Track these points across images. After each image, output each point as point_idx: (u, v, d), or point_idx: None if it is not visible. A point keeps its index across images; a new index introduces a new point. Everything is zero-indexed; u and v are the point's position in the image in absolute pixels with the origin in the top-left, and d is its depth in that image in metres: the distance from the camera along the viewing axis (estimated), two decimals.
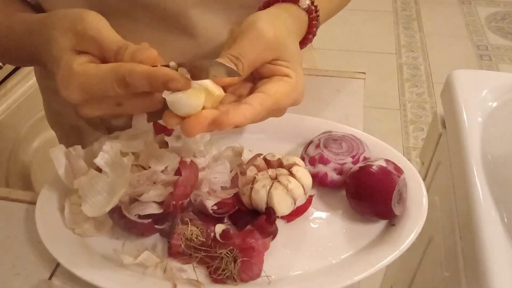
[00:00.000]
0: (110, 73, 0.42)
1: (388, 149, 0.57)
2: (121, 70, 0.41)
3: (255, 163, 0.52)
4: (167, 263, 0.46)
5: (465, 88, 0.76)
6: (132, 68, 0.41)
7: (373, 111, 2.17)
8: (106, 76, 0.42)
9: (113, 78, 0.42)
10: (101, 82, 0.42)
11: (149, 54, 0.43)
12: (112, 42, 0.44)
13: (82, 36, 0.44)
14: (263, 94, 0.44)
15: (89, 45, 0.44)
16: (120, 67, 0.42)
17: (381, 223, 0.51)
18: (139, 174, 0.50)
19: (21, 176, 1.16)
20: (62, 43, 0.44)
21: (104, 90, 0.42)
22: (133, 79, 0.41)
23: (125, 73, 0.41)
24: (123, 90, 0.42)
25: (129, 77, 0.41)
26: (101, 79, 0.42)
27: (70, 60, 0.44)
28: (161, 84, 0.41)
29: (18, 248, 0.51)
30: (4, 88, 1.11)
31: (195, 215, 0.50)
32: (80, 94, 0.43)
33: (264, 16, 0.48)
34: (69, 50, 0.44)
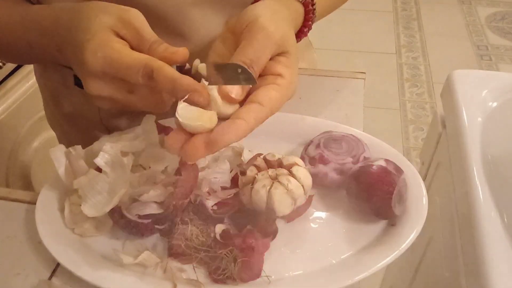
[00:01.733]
0: (141, 61, 0.43)
1: (388, 149, 0.57)
2: (152, 63, 0.42)
3: (255, 163, 0.52)
4: (167, 263, 0.46)
5: (465, 88, 0.76)
6: (163, 66, 0.42)
7: (373, 111, 2.17)
8: (137, 62, 0.43)
9: (142, 66, 0.42)
10: (130, 66, 0.43)
11: (182, 50, 0.44)
12: (149, 35, 0.45)
13: (126, 23, 0.45)
14: (257, 106, 0.43)
15: (129, 33, 0.45)
16: (152, 60, 0.43)
17: (381, 223, 0.51)
18: (139, 174, 0.50)
19: (21, 176, 1.16)
20: (105, 20, 0.45)
21: (129, 73, 0.43)
22: (159, 77, 0.42)
23: (155, 67, 0.42)
24: (145, 82, 0.43)
25: (156, 72, 0.42)
26: (131, 62, 0.43)
27: (109, 36, 0.44)
28: (183, 92, 0.42)
29: (18, 248, 0.51)
30: (4, 88, 1.11)
31: (195, 215, 0.50)
32: (104, 65, 0.43)
33: (264, 12, 0.47)
34: (109, 29, 0.45)
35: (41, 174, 1.20)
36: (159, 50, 0.44)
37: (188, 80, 0.42)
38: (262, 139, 0.60)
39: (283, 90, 0.45)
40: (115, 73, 0.44)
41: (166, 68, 0.42)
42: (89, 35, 0.44)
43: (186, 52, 0.45)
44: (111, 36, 0.45)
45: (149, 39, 0.45)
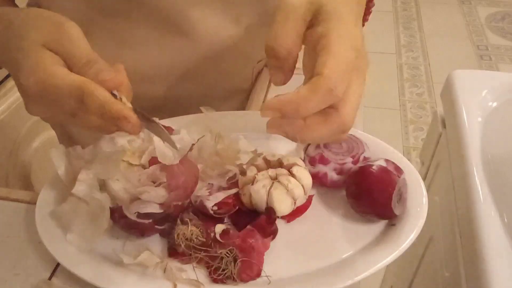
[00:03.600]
0: (73, 84, 0.40)
1: (388, 149, 0.57)
2: (83, 86, 0.40)
3: (255, 163, 0.52)
4: (167, 263, 0.46)
5: (465, 88, 0.76)
6: (93, 89, 0.40)
7: (373, 111, 2.17)
8: (69, 86, 0.40)
9: (73, 90, 0.40)
10: (62, 89, 0.40)
11: (114, 78, 0.41)
12: (82, 54, 0.42)
13: (55, 38, 0.42)
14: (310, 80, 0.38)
15: (60, 50, 0.42)
16: (84, 83, 0.40)
17: (381, 223, 0.51)
18: (140, 173, 0.50)
19: (21, 176, 1.16)
20: (36, 37, 0.42)
21: (61, 96, 0.41)
22: (89, 101, 0.40)
23: (85, 91, 0.40)
24: (78, 106, 0.41)
25: (86, 97, 0.40)
26: (63, 85, 0.40)
27: (43, 54, 0.42)
28: (111, 119, 0.40)
29: (18, 248, 0.51)
30: (4, 88, 1.11)
31: (195, 215, 0.50)
32: (38, 90, 0.41)
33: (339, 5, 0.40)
34: (40, 45, 0.42)
35: (41, 174, 1.20)
36: (89, 73, 0.41)
37: (118, 106, 0.40)
38: (262, 139, 0.60)
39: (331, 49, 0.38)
40: (50, 97, 0.41)
41: (98, 91, 0.40)
42: (21, 55, 0.42)
43: (117, 80, 0.42)
44: (44, 56, 0.41)
45: (81, 60, 0.42)
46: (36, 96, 0.42)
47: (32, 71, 0.41)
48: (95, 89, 0.40)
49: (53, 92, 0.41)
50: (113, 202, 0.48)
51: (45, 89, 0.41)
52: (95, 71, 0.41)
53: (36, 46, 0.42)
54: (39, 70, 0.41)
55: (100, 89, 0.40)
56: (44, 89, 0.41)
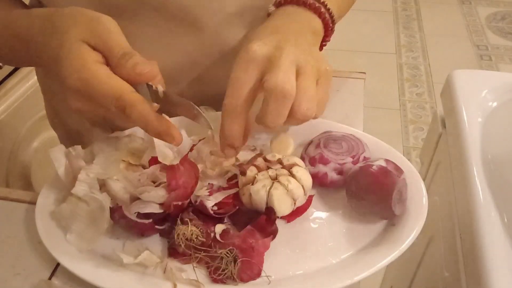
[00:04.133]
0: (115, 93, 0.42)
1: (388, 149, 0.57)
2: (125, 97, 0.42)
3: (255, 163, 0.52)
4: (167, 263, 0.46)
5: (465, 88, 0.76)
6: (135, 103, 0.42)
7: (373, 111, 2.17)
8: (112, 93, 0.42)
9: (115, 99, 0.42)
10: (104, 95, 0.42)
11: (150, 70, 0.43)
12: (119, 46, 0.44)
13: (95, 34, 0.44)
14: None
15: (98, 44, 0.44)
16: (125, 94, 0.42)
17: (381, 223, 0.51)
18: (140, 173, 0.50)
19: (21, 176, 1.16)
20: (76, 33, 0.44)
21: (103, 101, 0.43)
22: (132, 114, 0.42)
23: (127, 103, 0.42)
24: (118, 112, 0.43)
25: (129, 109, 0.42)
26: (106, 91, 0.42)
27: (84, 51, 0.43)
28: (155, 133, 0.43)
29: (18, 248, 0.51)
30: (4, 88, 1.11)
31: (195, 215, 0.50)
32: (81, 86, 0.43)
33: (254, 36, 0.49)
34: (80, 41, 0.44)
35: (41, 174, 1.20)
36: (126, 66, 0.43)
37: (160, 122, 0.42)
38: (263, 139, 0.60)
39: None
40: (91, 95, 0.43)
41: (139, 106, 0.42)
42: (63, 52, 0.43)
43: (152, 72, 0.43)
44: (86, 53, 0.43)
45: (118, 52, 0.44)
46: (78, 92, 0.43)
47: (76, 69, 0.43)
48: (136, 103, 0.42)
49: (94, 93, 0.42)
50: (113, 202, 0.48)
51: (87, 88, 0.43)
52: (132, 64, 0.43)
53: (77, 42, 0.44)
54: (82, 68, 0.42)
55: (142, 102, 0.42)
56: (86, 87, 0.43)
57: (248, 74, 0.46)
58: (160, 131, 0.43)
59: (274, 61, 0.46)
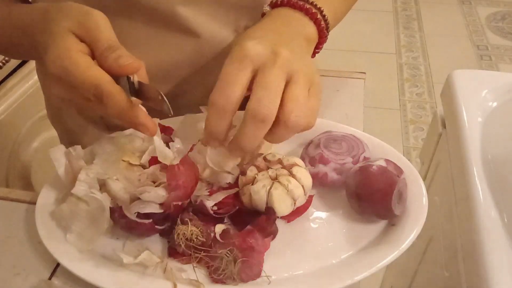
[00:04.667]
0: (93, 82, 0.42)
1: (388, 149, 0.57)
2: (103, 87, 0.42)
3: (255, 163, 0.52)
4: (167, 263, 0.46)
5: (465, 88, 0.76)
6: (113, 93, 0.42)
7: (373, 111, 2.17)
8: (89, 82, 0.42)
9: (93, 88, 0.42)
10: (82, 83, 0.43)
11: (132, 63, 0.43)
12: (105, 39, 0.44)
13: (84, 26, 0.45)
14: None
15: (84, 34, 0.45)
16: (103, 84, 0.42)
17: (381, 223, 0.51)
18: (140, 173, 0.50)
19: (21, 176, 1.16)
20: (64, 23, 0.45)
21: (81, 89, 0.43)
22: (108, 103, 0.42)
23: (104, 92, 0.42)
24: (96, 100, 0.43)
25: (106, 98, 0.42)
26: (84, 80, 0.42)
27: (69, 40, 0.44)
28: (130, 124, 0.44)
29: (18, 248, 0.51)
30: (4, 88, 1.11)
31: (195, 215, 0.50)
32: (61, 74, 0.43)
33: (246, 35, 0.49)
34: (69, 32, 0.45)
35: (41, 174, 1.20)
36: (109, 58, 0.43)
37: (135, 113, 0.43)
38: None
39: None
40: (70, 83, 0.44)
41: (116, 96, 0.42)
42: (51, 39, 0.45)
43: (134, 66, 0.43)
44: (72, 43, 0.44)
45: (103, 44, 0.44)
46: (58, 79, 0.44)
47: (58, 56, 0.43)
48: (113, 92, 0.42)
49: (73, 81, 0.43)
50: (113, 202, 0.48)
51: (67, 76, 0.43)
52: (115, 56, 0.43)
53: (65, 32, 0.45)
54: (64, 56, 0.43)
55: (119, 93, 0.43)
56: (66, 75, 0.43)
57: (240, 72, 0.45)
58: (135, 121, 0.43)
59: (266, 68, 0.45)
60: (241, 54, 0.46)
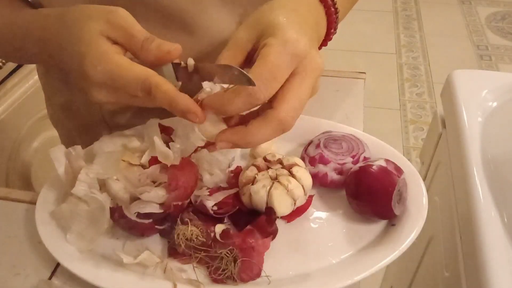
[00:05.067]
0: (140, 77, 0.43)
1: (388, 149, 0.57)
2: (151, 80, 0.43)
3: (255, 163, 0.52)
4: (167, 263, 0.46)
5: (465, 88, 0.76)
6: (160, 84, 0.42)
7: (373, 111, 2.17)
8: (136, 78, 0.43)
9: (141, 83, 0.43)
10: (129, 81, 0.43)
11: (176, 48, 0.44)
12: (140, 33, 0.45)
13: (112, 24, 0.45)
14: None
15: (119, 34, 0.45)
16: (150, 77, 0.43)
17: (381, 223, 0.51)
18: (140, 173, 0.50)
19: (21, 176, 1.16)
20: (94, 26, 0.45)
21: (128, 88, 0.43)
22: (157, 94, 0.42)
23: (152, 84, 0.42)
24: (144, 96, 0.43)
25: (154, 90, 0.42)
26: (130, 77, 0.43)
27: (104, 44, 0.44)
28: (179, 112, 0.43)
29: (18, 248, 0.51)
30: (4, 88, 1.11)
31: (195, 215, 0.50)
32: (105, 78, 0.44)
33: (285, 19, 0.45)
34: (100, 34, 0.45)
35: (41, 174, 1.20)
36: (151, 48, 0.44)
37: (184, 101, 0.42)
38: None
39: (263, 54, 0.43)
40: (116, 85, 0.44)
41: (164, 85, 0.42)
42: (84, 47, 0.44)
43: (179, 49, 0.44)
44: (106, 45, 0.44)
45: (140, 38, 0.44)
46: (102, 84, 0.44)
47: (99, 61, 0.43)
48: (161, 83, 0.43)
49: (119, 82, 0.43)
50: (113, 202, 0.48)
51: (112, 79, 0.44)
52: (157, 44, 0.44)
53: (96, 35, 0.44)
54: (105, 60, 0.43)
55: (166, 83, 0.43)
56: (111, 78, 0.43)
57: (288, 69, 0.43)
58: (184, 109, 0.43)
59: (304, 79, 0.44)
60: (294, 50, 0.43)
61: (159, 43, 0.44)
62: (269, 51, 0.42)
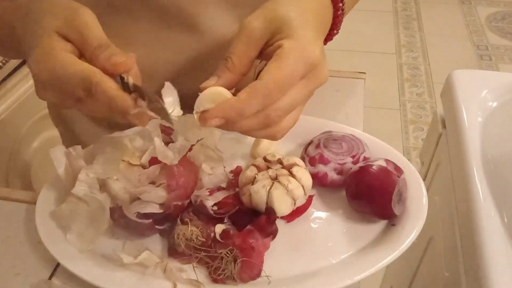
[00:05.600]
0: (80, 74, 0.41)
1: (388, 149, 0.57)
2: (91, 77, 0.41)
3: (255, 163, 0.52)
4: (167, 263, 0.46)
5: (465, 88, 0.76)
6: (102, 81, 0.41)
7: (373, 111, 2.17)
8: (77, 75, 0.41)
9: (81, 80, 0.41)
10: (70, 78, 0.41)
11: (125, 61, 0.42)
12: (95, 38, 0.43)
13: (70, 24, 0.43)
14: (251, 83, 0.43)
15: (74, 35, 0.43)
16: (92, 74, 0.41)
17: (381, 223, 0.51)
18: (140, 173, 0.50)
19: (21, 176, 1.16)
20: (49, 22, 0.43)
21: (70, 86, 0.42)
22: (97, 93, 0.41)
23: (93, 82, 0.40)
24: (85, 95, 0.42)
25: (94, 88, 0.41)
26: (71, 74, 0.41)
27: (54, 40, 0.43)
28: (120, 113, 0.41)
29: (18, 248, 0.51)
30: (4, 88, 1.11)
31: (195, 215, 0.50)
32: (47, 76, 0.42)
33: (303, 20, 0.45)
34: (53, 31, 0.43)
35: (41, 174, 1.20)
36: (101, 57, 0.42)
37: (125, 102, 0.41)
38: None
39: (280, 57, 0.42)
40: (58, 85, 0.42)
41: (104, 84, 0.40)
42: (35, 40, 0.43)
43: (128, 64, 0.42)
44: (56, 42, 0.42)
45: (92, 44, 0.42)
46: (45, 82, 0.43)
47: (42, 59, 0.42)
48: (103, 82, 0.41)
49: (61, 80, 0.42)
50: (113, 202, 0.48)
51: (54, 77, 0.42)
52: (107, 55, 0.42)
53: (49, 31, 0.43)
54: (49, 57, 0.42)
55: (108, 81, 0.41)
56: (53, 76, 0.42)
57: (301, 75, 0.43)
58: (125, 110, 0.41)
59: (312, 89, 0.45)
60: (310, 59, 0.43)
61: (110, 54, 0.42)
62: (287, 55, 0.42)
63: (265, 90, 0.42)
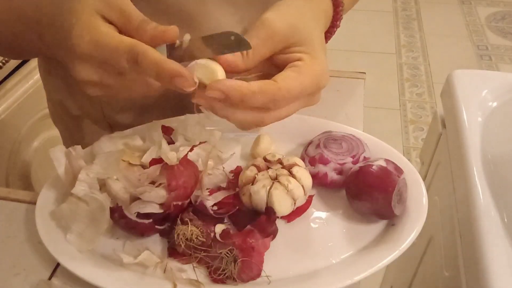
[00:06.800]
0: (126, 45, 0.42)
1: (388, 149, 0.57)
2: (138, 47, 0.41)
3: (255, 163, 0.52)
4: (167, 263, 0.46)
5: (465, 88, 0.76)
6: (147, 50, 0.41)
7: (373, 111, 2.17)
8: (123, 46, 0.42)
9: (126, 51, 0.42)
10: (115, 49, 0.42)
11: (172, 29, 0.43)
12: (137, 15, 0.44)
13: (111, 4, 0.44)
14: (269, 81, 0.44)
15: (115, 14, 0.44)
16: (138, 44, 0.42)
17: (381, 223, 0.51)
18: (140, 173, 0.50)
19: (21, 176, 1.16)
20: (90, 3, 0.44)
21: (114, 57, 0.42)
22: (144, 61, 0.41)
23: (139, 52, 0.41)
24: (131, 66, 0.42)
25: (141, 56, 0.41)
26: (117, 45, 0.42)
27: (96, 19, 0.43)
28: (168, 77, 0.41)
29: (18, 248, 0.51)
30: (4, 88, 1.11)
31: (195, 215, 0.50)
32: (91, 48, 0.43)
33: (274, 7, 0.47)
34: (95, 11, 0.44)
35: (41, 174, 1.20)
36: (148, 29, 0.43)
37: (172, 65, 0.41)
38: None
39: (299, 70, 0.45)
40: (102, 57, 0.43)
41: (151, 52, 0.41)
42: (74, 19, 0.43)
43: (176, 30, 0.43)
44: (98, 19, 0.43)
45: (136, 19, 0.44)
46: (87, 56, 0.43)
47: (87, 31, 0.43)
48: (148, 49, 0.41)
49: (106, 51, 0.42)
50: (113, 202, 0.48)
51: (98, 49, 0.42)
52: (154, 26, 0.43)
53: (90, 10, 0.44)
54: (93, 30, 0.42)
55: (154, 51, 0.42)
56: (97, 48, 0.42)
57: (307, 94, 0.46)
58: (171, 73, 0.41)
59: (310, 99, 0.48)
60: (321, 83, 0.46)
61: (156, 25, 0.43)
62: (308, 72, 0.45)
63: (276, 94, 0.43)
